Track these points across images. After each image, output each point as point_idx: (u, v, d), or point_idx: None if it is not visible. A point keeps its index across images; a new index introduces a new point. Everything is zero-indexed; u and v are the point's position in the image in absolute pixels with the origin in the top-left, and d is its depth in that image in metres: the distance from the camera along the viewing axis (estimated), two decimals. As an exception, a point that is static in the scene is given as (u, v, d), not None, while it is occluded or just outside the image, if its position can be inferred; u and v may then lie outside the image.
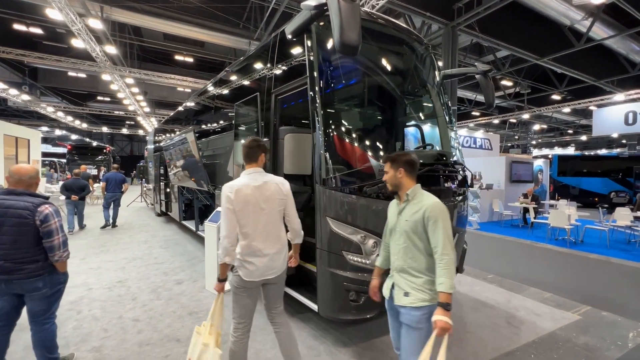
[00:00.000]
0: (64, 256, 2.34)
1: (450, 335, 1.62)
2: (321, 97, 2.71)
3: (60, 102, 20.44)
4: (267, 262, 2.12)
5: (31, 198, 2.28)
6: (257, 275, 2.11)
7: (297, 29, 2.86)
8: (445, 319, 1.61)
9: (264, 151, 2.24)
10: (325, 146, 2.64)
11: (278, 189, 2.17)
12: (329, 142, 2.66)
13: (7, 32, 12.99)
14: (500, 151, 32.98)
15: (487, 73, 3.99)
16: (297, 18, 2.82)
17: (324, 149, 2.64)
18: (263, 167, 2.24)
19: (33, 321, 2.32)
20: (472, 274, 5.00)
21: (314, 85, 2.74)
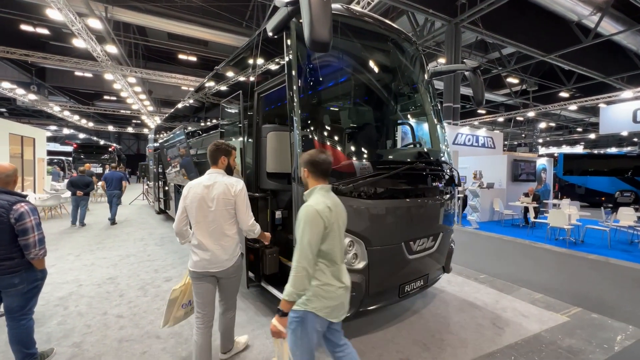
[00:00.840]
0: (40, 254, 2.38)
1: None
2: (298, 94, 2.70)
3: (67, 101, 20.84)
4: (209, 256, 2.26)
5: (7, 196, 2.32)
6: (200, 267, 2.28)
7: (277, 26, 2.85)
8: (276, 323, 1.67)
9: (224, 154, 2.36)
10: (300, 144, 2.63)
11: (226, 190, 2.27)
12: (304, 140, 2.65)
13: (14, 32, 13.28)
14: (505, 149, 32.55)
15: (477, 70, 3.92)
16: (276, 15, 2.81)
17: (300, 146, 2.63)
18: (227, 169, 2.39)
19: (9, 317, 2.36)
20: (464, 274, 4.94)
21: (292, 83, 2.73)
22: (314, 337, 1.78)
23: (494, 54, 16.72)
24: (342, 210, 1.89)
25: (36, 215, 2.41)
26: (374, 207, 2.74)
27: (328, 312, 1.77)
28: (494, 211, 9.68)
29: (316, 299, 1.74)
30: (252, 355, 2.70)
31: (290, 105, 2.73)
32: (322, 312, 1.76)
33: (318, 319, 1.76)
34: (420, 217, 3.12)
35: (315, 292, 1.75)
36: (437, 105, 3.94)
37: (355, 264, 2.69)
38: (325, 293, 1.76)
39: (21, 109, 22.74)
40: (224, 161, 2.40)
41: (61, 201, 9.09)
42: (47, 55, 11.88)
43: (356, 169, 2.71)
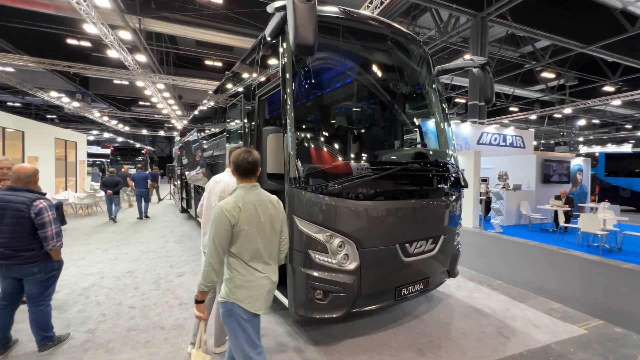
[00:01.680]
0: (57, 246, 2.64)
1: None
2: (291, 97, 2.76)
3: (107, 107, 22.56)
4: None
5: (28, 194, 2.60)
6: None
7: (273, 31, 2.92)
8: (195, 310, 1.92)
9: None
10: (292, 146, 2.68)
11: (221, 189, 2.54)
12: (296, 143, 2.70)
13: (61, 46, 14.64)
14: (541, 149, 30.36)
15: (485, 66, 3.75)
16: (272, 19, 2.88)
17: (292, 148, 2.68)
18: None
19: (30, 302, 2.64)
20: (477, 279, 4.73)
21: (285, 86, 2.80)
22: (245, 326, 1.85)
23: (526, 48, 15.76)
24: (268, 208, 1.94)
25: (53, 211, 2.66)
26: (366, 208, 2.73)
27: (250, 302, 1.85)
28: (520, 214, 9.10)
29: (238, 290, 1.85)
30: (246, 350, 2.79)
31: (283, 108, 2.79)
32: (247, 303, 1.85)
33: (241, 309, 1.85)
34: (417, 219, 3.05)
35: (236, 284, 1.85)
36: (442, 104, 3.82)
37: (346, 264, 2.69)
38: (246, 283, 1.85)
39: (69, 115, 24.96)
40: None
41: (96, 200, 9.88)
42: (86, 66, 12.97)
43: (345, 170, 2.71)
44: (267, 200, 1.97)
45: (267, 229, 1.93)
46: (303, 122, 2.83)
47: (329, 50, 3.11)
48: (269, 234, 1.94)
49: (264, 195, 1.99)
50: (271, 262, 1.97)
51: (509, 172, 9.74)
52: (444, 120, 3.78)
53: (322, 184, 2.63)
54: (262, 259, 1.91)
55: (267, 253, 1.93)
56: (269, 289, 1.94)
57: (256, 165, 1.97)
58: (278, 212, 2.01)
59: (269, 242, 1.94)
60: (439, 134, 3.81)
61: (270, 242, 1.95)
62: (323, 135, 2.96)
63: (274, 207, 1.99)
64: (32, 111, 23.58)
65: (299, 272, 2.68)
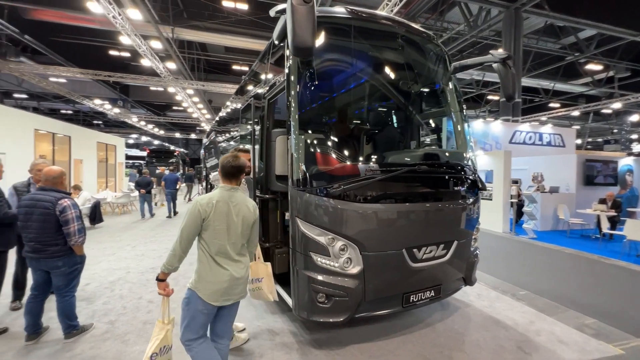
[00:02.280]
0: (79, 241, 2.85)
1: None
2: (295, 100, 2.76)
3: (145, 112, 24.15)
4: None
5: (54, 193, 2.83)
6: None
7: (279, 34, 2.94)
8: (157, 287, 2.11)
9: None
10: (295, 148, 2.68)
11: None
12: (299, 145, 2.69)
13: (104, 57, 15.94)
14: (587, 147, 27.77)
15: (506, 61, 3.51)
16: (279, 22, 2.91)
17: (294, 150, 2.69)
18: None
19: (57, 293, 2.88)
20: (501, 288, 4.43)
21: (290, 88, 2.80)
22: (199, 316, 2.02)
23: (568, 39, 14.56)
24: (242, 210, 2.11)
25: (77, 209, 2.89)
26: (369, 211, 2.66)
27: (209, 294, 1.99)
28: (558, 219, 8.41)
29: (201, 280, 2.01)
30: (250, 348, 2.83)
31: (288, 110, 2.80)
32: (205, 294, 1.99)
33: (201, 301, 1.99)
34: (426, 223, 2.92)
35: (200, 274, 2.02)
36: (458, 102, 3.62)
37: (349, 268, 2.64)
38: (208, 276, 2.00)
39: (112, 120, 27.06)
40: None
41: (130, 199, 10.60)
42: (123, 75, 13.98)
43: (347, 172, 2.67)
44: (242, 203, 2.14)
45: (239, 228, 2.08)
46: (307, 124, 2.81)
47: (334, 52, 3.08)
48: (239, 232, 2.09)
49: (240, 197, 2.15)
50: (239, 259, 2.11)
51: (546, 174, 9.05)
52: (459, 120, 3.59)
53: (324, 185, 2.60)
54: (227, 255, 2.05)
55: (234, 250, 2.08)
56: (230, 285, 2.04)
57: (239, 170, 2.16)
58: (252, 216, 2.17)
59: (238, 241, 2.09)
60: (454, 134, 3.63)
61: (239, 240, 2.10)
62: (326, 138, 2.94)
63: (248, 210, 2.15)
64: (81, 118, 25.87)
65: (301, 275, 2.67)
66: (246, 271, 2.18)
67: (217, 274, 2.02)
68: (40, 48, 14.39)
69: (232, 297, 2.10)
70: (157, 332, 2.11)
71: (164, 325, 2.13)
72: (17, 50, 14.60)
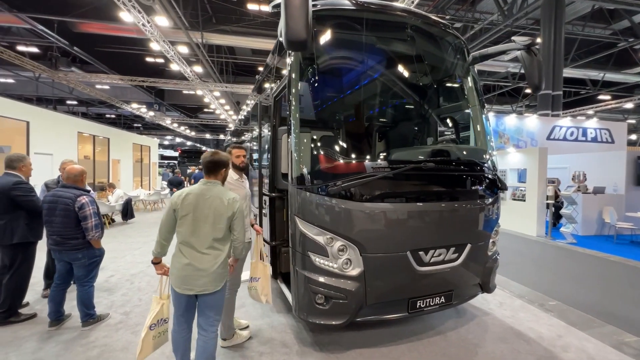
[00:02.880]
0: (96, 236, 3.03)
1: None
2: (296, 97, 2.71)
3: (179, 115, 25.48)
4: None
5: (75, 190, 3.03)
6: None
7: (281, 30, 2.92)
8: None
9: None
10: (294, 146, 2.64)
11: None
12: (298, 142, 2.64)
13: (141, 64, 17.04)
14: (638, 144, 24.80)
15: (531, 47, 3.20)
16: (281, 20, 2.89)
17: (294, 148, 2.65)
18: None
19: (77, 283, 3.08)
20: (528, 297, 4.07)
21: (290, 85, 2.76)
22: (175, 301, 2.18)
23: (621, 23, 13.14)
24: (214, 203, 2.16)
25: (94, 206, 3.07)
26: (370, 210, 2.54)
27: (173, 279, 2.14)
28: (603, 223, 7.59)
29: (171, 265, 2.17)
30: (251, 346, 2.83)
31: (289, 107, 2.77)
32: (171, 279, 2.16)
33: (172, 286, 2.17)
34: (434, 225, 2.74)
35: (171, 260, 2.18)
36: (476, 95, 3.37)
37: (348, 270, 2.54)
38: (173, 263, 2.16)
39: (150, 123, 28.89)
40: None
41: (161, 197, 11.21)
42: (155, 80, 14.85)
43: (347, 170, 2.56)
44: (216, 196, 2.18)
45: (209, 220, 2.13)
46: (306, 121, 2.76)
47: (335, 46, 2.98)
48: (210, 225, 2.13)
49: (216, 191, 2.21)
50: (207, 252, 2.13)
51: (590, 173, 8.22)
52: (477, 114, 3.33)
53: (322, 183, 2.53)
54: (190, 245, 2.12)
55: (198, 241, 2.13)
56: (188, 274, 2.10)
57: (216, 165, 2.26)
58: (226, 210, 2.17)
59: (204, 233, 2.13)
60: (470, 130, 3.38)
61: (206, 233, 2.13)
62: (326, 135, 2.86)
63: (222, 204, 2.17)
64: (122, 121, 27.89)
65: (300, 275, 2.62)
66: (216, 265, 2.14)
67: (178, 262, 2.13)
68: (87, 58, 15.69)
69: (195, 288, 2.11)
70: (154, 307, 2.29)
71: (160, 300, 2.30)
72: (68, 61, 16.07)
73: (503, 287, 4.42)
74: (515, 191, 8.47)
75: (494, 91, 19.63)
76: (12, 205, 3.08)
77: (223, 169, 2.32)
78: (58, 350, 2.73)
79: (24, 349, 2.73)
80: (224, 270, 2.22)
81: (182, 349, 2.25)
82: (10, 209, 3.10)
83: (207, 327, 2.23)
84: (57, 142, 8.45)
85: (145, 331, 2.20)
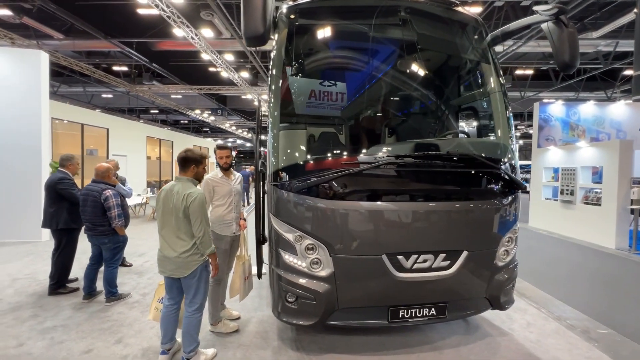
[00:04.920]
0: (119, 224, 3.49)
1: None
2: (274, 95, 2.71)
3: (239, 119, 27.58)
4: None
5: (102, 184, 3.53)
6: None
7: None
8: None
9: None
10: (270, 142, 2.65)
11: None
12: (273, 138, 2.64)
13: (206, 73, 18.95)
14: None
15: (560, 16, 2.64)
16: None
17: (270, 144, 2.66)
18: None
19: (105, 264, 3.58)
20: (573, 321, 3.36)
21: (271, 84, 2.77)
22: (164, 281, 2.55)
23: None
24: (173, 198, 2.36)
25: (117, 199, 3.53)
26: (339, 208, 2.39)
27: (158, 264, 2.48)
28: None
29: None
30: (233, 337, 2.92)
31: (268, 103, 2.79)
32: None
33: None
34: (418, 228, 2.46)
35: None
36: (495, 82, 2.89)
37: (318, 270, 2.45)
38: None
39: (215, 127, 31.93)
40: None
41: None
42: (211, 87, 16.29)
43: (318, 167, 2.46)
44: (176, 192, 2.37)
45: (173, 213, 2.36)
46: (283, 117, 2.72)
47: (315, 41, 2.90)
48: (173, 217, 2.36)
49: (178, 187, 2.40)
50: (169, 241, 2.39)
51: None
52: (496, 104, 2.87)
53: (292, 180, 2.48)
54: (161, 235, 2.44)
55: (166, 233, 2.41)
56: (160, 259, 2.46)
57: (185, 162, 2.45)
58: (181, 204, 2.34)
59: (170, 225, 2.39)
60: (479, 121, 2.95)
61: (172, 225, 2.38)
62: (300, 132, 2.78)
63: (179, 199, 2.34)
64: (193, 126, 31.38)
65: (274, 272, 2.61)
66: (179, 254, 2.37)
67: (159, 249, 2.48)
68: (163, 72, 18.11)
69: (166, 272, 2.45)
70: (158, 287, 2.76)
71: (161, 281, 2.66)
72: (150, 76, 18.79)
73: (540, 305, 3.73)
74: (587, 194, 7.07)
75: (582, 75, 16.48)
76: (58, 197, 3.73)
77: (192, 165, 2.47)
78: (82, 319, 3.22)
79: (59, 315, 3.30)
80: (189, 259, 2.38)
81: (164, 323, 2.55)
82: (57, 200, 3.75)
83: (186, 306, 2.50)
84: (130, 145, 9.95)
85: (154, 303, 2.75)
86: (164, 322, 2.55)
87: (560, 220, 8.09)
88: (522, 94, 16.93)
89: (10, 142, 6.19)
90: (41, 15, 11.06)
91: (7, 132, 6.19)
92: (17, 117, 6.22)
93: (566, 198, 7.76)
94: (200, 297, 2.53)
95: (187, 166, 2.47)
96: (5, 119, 6.20)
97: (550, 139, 8.85)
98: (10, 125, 6.20)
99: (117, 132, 9.62)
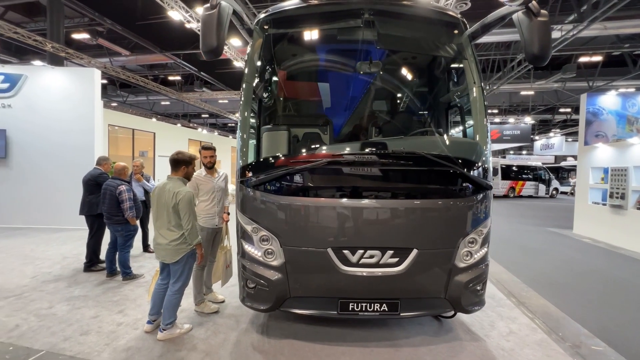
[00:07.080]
0: (130, 215, 4.08)
1: None
2: (244, 96, 2.99)
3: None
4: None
5: (117, 181, 4.16)
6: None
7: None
8: None
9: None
10: (238, 141, 2.92)
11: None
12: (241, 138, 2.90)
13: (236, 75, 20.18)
14: None
15: (528, 5, 2.47)
16: None
17: (237, 143, 2.93)
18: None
19: (118, 248, 4.21)
20: (566, 333, 3.06)
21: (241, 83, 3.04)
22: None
23: None
24: (166, 194, 2.73)
25: (129, 193, 4.12)
26: (286, 203, 2.57)
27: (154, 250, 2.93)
28: None
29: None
30: (207, 317, 3.25)
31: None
32: None
33: None
34: (362, 224, 2.52)
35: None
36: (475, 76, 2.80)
37: (271, 260, 2.65)
38: None
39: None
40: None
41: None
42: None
43: (272, 164, 2.68)
44: (167, 190, 2.75)
45: (165, 208, 2.74)
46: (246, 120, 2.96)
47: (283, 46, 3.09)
48: (165, 211, 2.75)
49: (171, 185, 2.77)
50: (161, 232, 2.80)
51: None
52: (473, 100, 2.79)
53: (250, 177, 2.71)
54: (156, 227, 2.84)
55: (159, 225, 2.82)
56: (154, 246, 2.88)
57: (176, 163, 2.86)
58: (171, 200, 2.71)
59: (162, 218, 2.78)
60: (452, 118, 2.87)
61: (164, 218, 2.77)
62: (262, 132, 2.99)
63: (169, 196, 2.72)
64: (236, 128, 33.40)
65: (239, 261, 2.87)
66: (168, 242, 2.77)
67: (154, 237, 2.88)
68: (210, 79, 19.76)
69: (159, 257, 2.88)
70: (154, 275, 3.12)
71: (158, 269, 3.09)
72: (200, 83, 20.65)
73: (537, 316, 3.43)
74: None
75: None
76: (97, 188, 4.43)
77: (183, 166, 2.86)
78: (100, 292, 3.85)
79: (85, 287, 3.98)
80: (177, 247, 2.79)
81: (154, 298, 3.00)
82: (96, 190, 4.47)
83: (170, 285, 2.90)
84: (173, 147, 11.10)
85: (154, 280, 3.08)
86: (154, 297, 2.98)
87: (608, 228, 7.11)
88: (591, 84, 14.71)
89: (70, 141, 7.61)
90: (111, 35, 12.92)
91: (68, 132, 7.63)
92: (75, 119, 7.64)
93: (616, 202, 6.82)
94: (183, 280, 2.91)
95: (178, 167, 2.84)
96: (67, 121, 7.64)
97: (601, 135, 7.80)
98: (71, 126, 7.65)
99: (163, 135, 10.85)
